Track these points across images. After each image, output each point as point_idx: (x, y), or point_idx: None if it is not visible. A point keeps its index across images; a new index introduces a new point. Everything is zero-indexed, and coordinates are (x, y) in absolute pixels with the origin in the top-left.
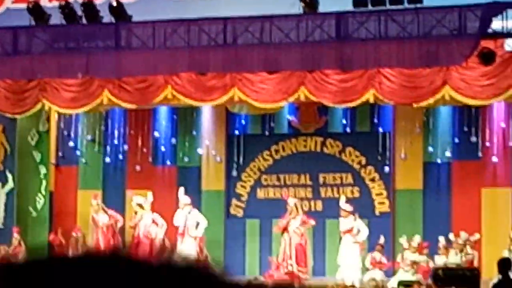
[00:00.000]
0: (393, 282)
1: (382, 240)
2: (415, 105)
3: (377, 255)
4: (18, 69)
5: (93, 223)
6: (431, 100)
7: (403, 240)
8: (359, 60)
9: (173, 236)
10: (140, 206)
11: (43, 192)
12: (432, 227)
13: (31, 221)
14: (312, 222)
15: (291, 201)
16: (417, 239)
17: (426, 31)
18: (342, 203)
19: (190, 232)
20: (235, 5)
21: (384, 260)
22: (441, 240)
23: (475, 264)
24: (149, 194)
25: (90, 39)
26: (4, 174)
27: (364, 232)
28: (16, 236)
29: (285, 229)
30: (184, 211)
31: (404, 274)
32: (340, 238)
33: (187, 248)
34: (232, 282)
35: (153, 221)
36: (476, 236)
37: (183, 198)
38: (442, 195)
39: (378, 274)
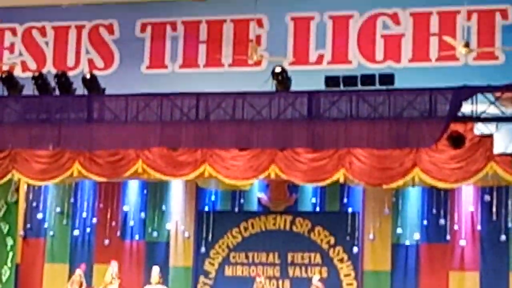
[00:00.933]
0: None
1: None
2: (385, 187)
3: None
4: None
5: None
6: (400, 182)
7: None
8: (330, 140)
9: None
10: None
11: (9, 264)
12: None
13: None
14: None
15: (258, 279)
16: None
17: (397, 113)
18: (315, 280)
19: None
20: (208, 80)
21: None
22: None
23: None
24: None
25: (62, 111)
26: None
27: None
28: None
29: None
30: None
31: None
32: None
33: None
34: None
35: None
36: None
37: (156, 276)
38: (409, 277)
39: None
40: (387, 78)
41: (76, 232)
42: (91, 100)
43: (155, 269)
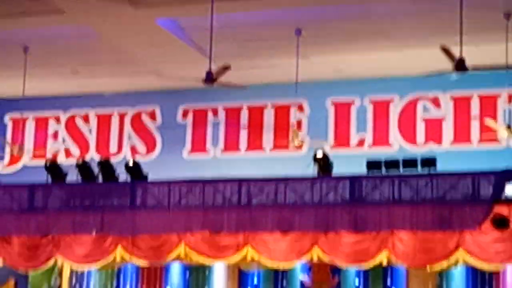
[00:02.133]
0: None
1: None
2: (428, 269)
3: None
4: (33, 225)
5: None
6: (444, 264)
7: None
8: (372, 222)
9: None
10: None
11: None
12: None
13: None
14: None
15: None
16: None
17: (440, 195)
18: None
19: None
20: (249, 165)
21: None
22: None
23: None
24: None
25: (105, 197)
26: None
27: None
28: None
29: None
30: None
31: None
32: None
33: None
34: None
35: None
36: None
37: None
38: None
39: None
40: (429, 161)
41: None
42: (134, 187)
43: None
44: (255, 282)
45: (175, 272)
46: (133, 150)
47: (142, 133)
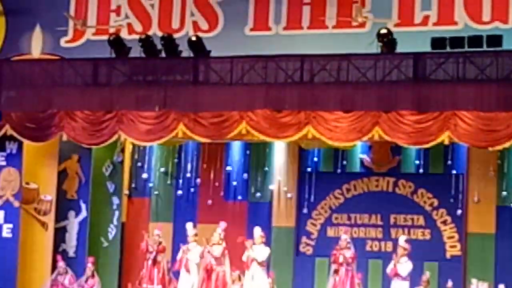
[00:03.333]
0: None
1: (450, 284)
2: (490, 149)
3: None
4: (97, 100)
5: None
6: (507, 144)
7: (474, 282)
8: (435, 102)
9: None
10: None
11: (115, 222)
12: (504, 272)
13: (102, 251)
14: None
15: (344, 237)
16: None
17: (505, 75)
18: (402, 241)
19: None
20: (311, 42)
21: None
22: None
23: None
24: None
25: (168, 73)
26: (78, 204)
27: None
28: (90, 266)
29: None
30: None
31: None
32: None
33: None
34: None
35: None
36: None
37: (258, 237)
38: None
39: None
40: (494, 40)
41: (179, 192)
42: (197, 63)
43: (257, 230)
44: (315, 160)
45: (236, 149)
46: (195, 26)
47: (204, 9)
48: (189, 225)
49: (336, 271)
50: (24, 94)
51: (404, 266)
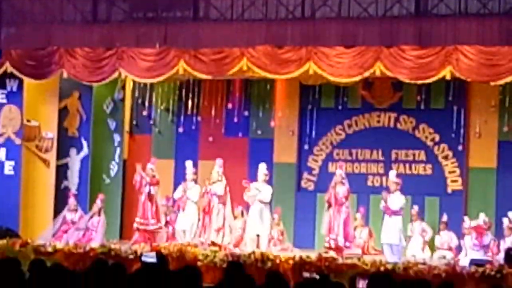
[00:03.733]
0: (464, 260)
1: (445, 218)
2: (492, 83)
3: (444, 235)
4: (96, 38)
5: None
6: (508, 79)
7: (466, 219)
8: (437, 36)
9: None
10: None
11: (117, 159)
12: (506, 206)
13: (104, 188)
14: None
15: (339, 172)
16: (481, 217)
17: (507, 8)
18: (393, 176)
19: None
20: None
21: (454, 237)
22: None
23: None
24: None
25: (168, 9)
26: (79, 141)
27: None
28: (98, 203)
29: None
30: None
31: (475, 253)
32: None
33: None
34: None
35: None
36: None
37: (263, 174)
38: None
39: (448, 252)
40: None
41: (180, 129)
42: None
43: (262, 167)
44: (316, 96)
45: (237, 85)
46: None
47: None
48: (188, 163)
49: (329, 207)
50: (24, 31)
51: (396, 201)
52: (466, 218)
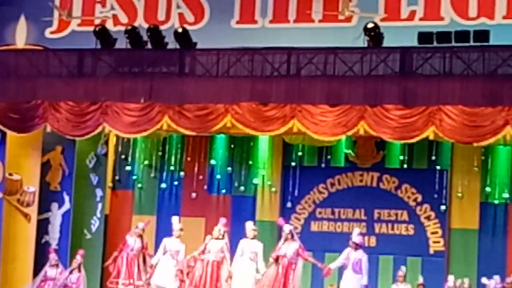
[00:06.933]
0: None
1: (421, 280)
2: (475, 144)
3: None
4: (81, 92)
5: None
6: (491, 140)
7: (450, 279)
8: (421, 96)
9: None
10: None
11: (98, 215)
12: (487, 268)
13: (85, 243)
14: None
15: (287, 228)
16: (466, 282)
17: (491, 70)
18: (355, 235)
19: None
20: (298, 36)
21: None
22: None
23: None
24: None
25: (154, 65)
26: (61, 196)
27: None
28: (78, 259)
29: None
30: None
31: None
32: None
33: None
34: None
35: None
36: None
37: (251, 230)
38: (498, 236)
39: None
40: (481, 35)
41: (163, 185)
42: (183, 54)
43: (249, 224)
44: (300, 154)
45: (220, 143)
46: (182, 18)
47: (190, 1)
48: (175, 219)
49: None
50: (8, 84)
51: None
52: (450, 277)
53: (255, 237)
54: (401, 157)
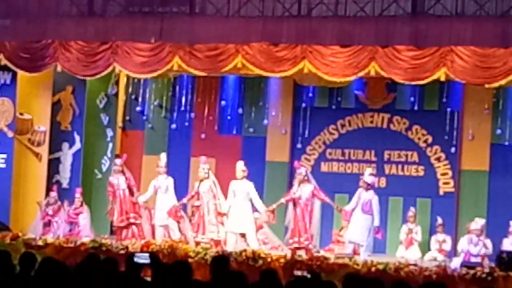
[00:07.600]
0: (455, 262)
1: (440, 221)
2: (486, 86)
3: (440, 236)
4: (92, 31)
5: None
6: (503, 81)
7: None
8: (433, 37)
9: None
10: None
11: (109, 154)
12: (497, 209)
13: (96, 183)
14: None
15: (303, 170)
16: (479, 221)
17: (504, 11)
18: (367, 175)
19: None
20: None
21: (448, 239)
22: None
23: None
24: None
25: (164, 4)
26: (71, 135)
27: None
28: (78, 196)
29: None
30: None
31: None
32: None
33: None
34: None
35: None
36: None
37: (240, 171)
38: (508, 177)
39: (439, 255)
40: None
41: (173, 126)
42: None
43: (240, 164)
44: (310, 95)
45: (231, 84)
46: None
47: None
48: (162, 155)
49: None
50: (19, 24)
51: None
52: (478, 219)
53: (244, 177)
54: (412, 99)
